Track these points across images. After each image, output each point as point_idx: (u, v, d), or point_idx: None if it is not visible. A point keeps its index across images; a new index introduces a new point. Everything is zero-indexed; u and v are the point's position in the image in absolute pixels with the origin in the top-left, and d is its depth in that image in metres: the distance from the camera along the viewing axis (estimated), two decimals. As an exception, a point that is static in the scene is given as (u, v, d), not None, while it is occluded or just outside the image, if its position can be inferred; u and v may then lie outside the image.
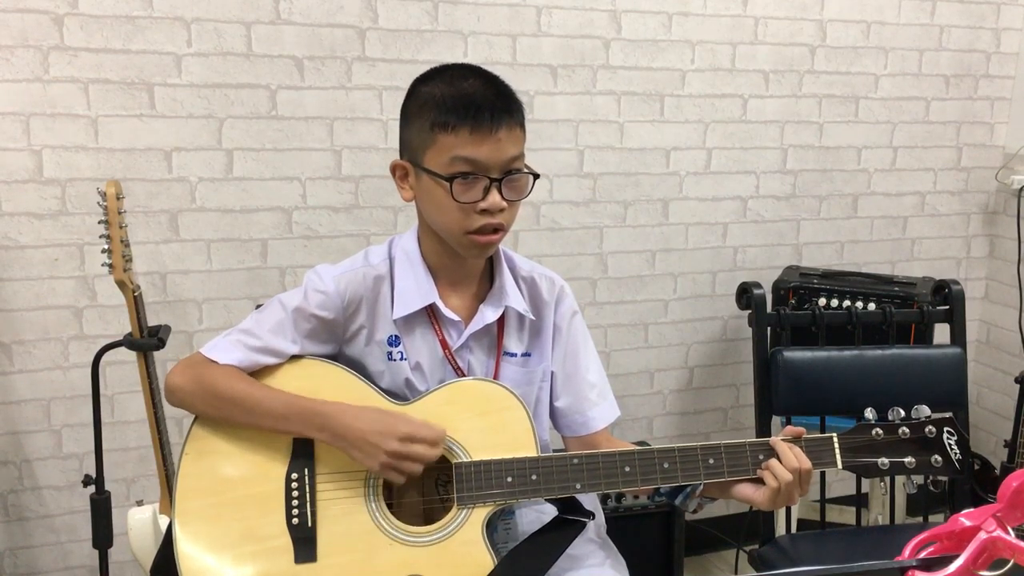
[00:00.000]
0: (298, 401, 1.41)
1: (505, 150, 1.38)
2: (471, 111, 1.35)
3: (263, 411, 1.41)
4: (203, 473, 1.42)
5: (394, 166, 1.47)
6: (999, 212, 3.09)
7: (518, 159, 1.40)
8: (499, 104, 1.37)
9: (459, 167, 1.36)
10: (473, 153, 1.36)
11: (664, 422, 2.87)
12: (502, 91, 1.41)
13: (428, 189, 1.41)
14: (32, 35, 2.08)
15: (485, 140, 1.35)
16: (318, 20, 2.27)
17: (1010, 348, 3.05)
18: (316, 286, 1.47)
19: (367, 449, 1.36)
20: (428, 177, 1.39)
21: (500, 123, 1.36)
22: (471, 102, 1.36)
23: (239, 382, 1.42)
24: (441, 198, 1.38)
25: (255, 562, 1.37)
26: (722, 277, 2.82)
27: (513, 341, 1.54)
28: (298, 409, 1.40)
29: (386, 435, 1.35)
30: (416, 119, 1.41)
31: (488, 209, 1.38)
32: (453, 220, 1.40)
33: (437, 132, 1.37)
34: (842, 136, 2.85)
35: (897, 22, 2.83)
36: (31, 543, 2.32)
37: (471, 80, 1.40)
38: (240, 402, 1.41)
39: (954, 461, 1.40)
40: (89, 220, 2.13)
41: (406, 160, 1.45)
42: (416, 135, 1.41)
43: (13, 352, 2.21)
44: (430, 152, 1.38)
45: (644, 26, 2.56)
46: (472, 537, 1.38)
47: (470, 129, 1.35)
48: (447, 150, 1.36)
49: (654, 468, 1.39)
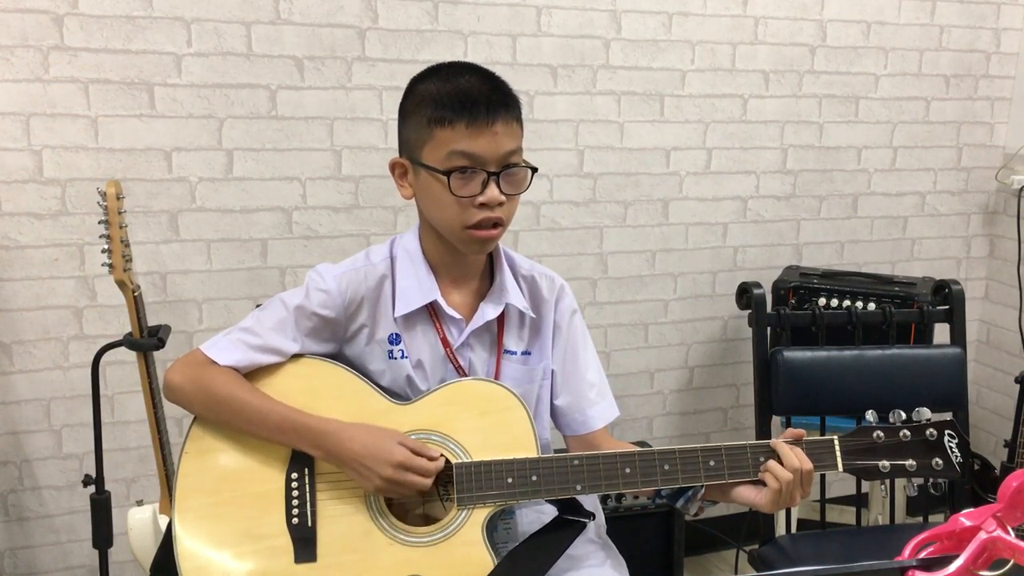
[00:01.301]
0: (295, 416, 1.40)
1: (502, 144, 1.38)
2: (467, 105, 1.35)
3: (259, 421, 1.41)
4: (203, 472, 1.42)
5: (393, 164, 1.47)
6: (999, 212, 3.09)
7: (515, 153, 1.41)
8: (495, 98, 1.38)
9: (456, 161, 1.36)
10: (470, 147, 1.36)
11: (664, 422, 2.87)
12: (498, 86, 1.41)
13: (427, 185, 1.41)
14: (32, 35, 2.08)
15: (482, 133, 1.36)
16: (318, 20, 2.27)
17: (1010, 348, 3.05)
18: (318, 285, 1.47)
19: (363, 472, 1.36)
20: (426, 173, 1.39)
21: (496, 116, 1.37)
22: (467, 97, 1.36)
23: (238, 388, 1.42)
24: (439, 193, 1.39)
25: (255, 561, 1.37)
26: (722, 277, 2.82)
27: (513, 339, 1.54)
28: (294, 424, 1.40)
29: (380, 461, 1.35)
30: (413, 116, 1.41)
31: (486, 203, 1.38)
32: (452, 215, 1.40)
33: (434, 127, 1.37)
34: (842, 136, 2.85)
35: (897, 22, 2.83)
36: (31, 543, 2.32)
37: (467, 76, 1.41)
38: (237, 410, 1.41)
39: (955, 464, 1.40)
40: (89, 220, 2.13)
41: (404, 158, 1.45)
42: (414, 132, 1.41)
43: (13, 352, 2.21)
44: (427, 148, 1.39)
45: (644, 26, 2.56)
46: (472, 537, 1.38)
47: (467, 123, 1.35)
48: (444, 144, 1.37)
49: (654, 470, 1.39)
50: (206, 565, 1.37)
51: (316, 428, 1.39)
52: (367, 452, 1.36)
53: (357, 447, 1.36)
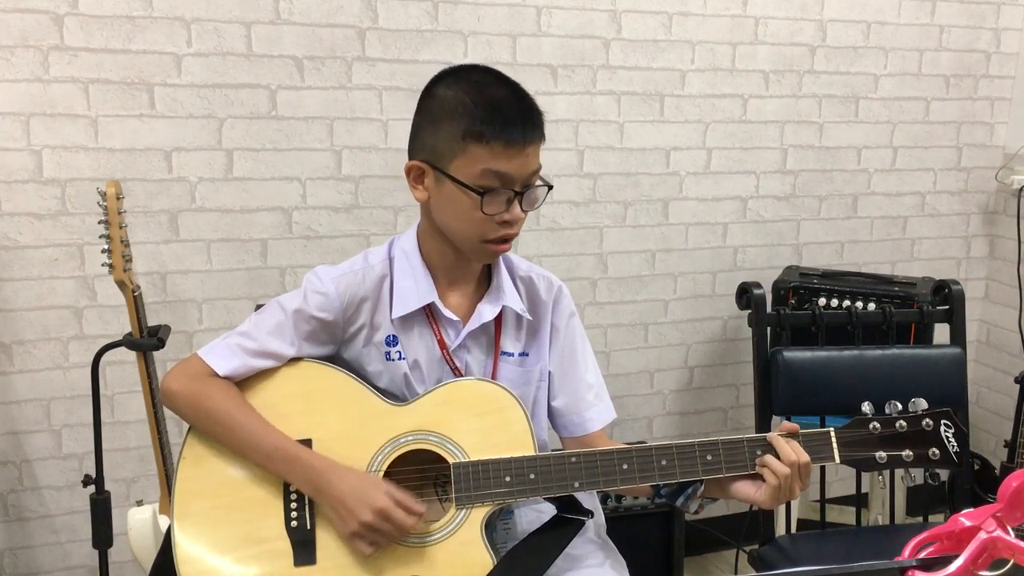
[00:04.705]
0: (288, 446, 1.40)
1: (531, 164, 1.39)
2: (507, 125, 1.35)
3: (252, 446, 1.40)
4: (202, 476, 1.42)
5: (409, 167, 1.44)
6: (999, 212, 3.09)
7: (538, 171, 1.42)
8: (531, 119, 1.38)
9: (489, 180, 1.36)
10: (505, 167, 1.36)
11: (664, 422, 2.87)
12: (530, 104, 1.41)
13: (451, 196, 1.39)
14: (32, 35, 2.08)
15: (517, 155, 1.36)
16: (318, 20, 2.27)
17: (1010, 348, 3.05)
18: (316, 288, 1.47)
19: (341, 512, 1.35)
20: (453, 185, 1.38)
21: (531, 139, 1.38)
22: (505, 116, 1.35)
23: (234, 408, 1.41)
24: (464, 207, 1.38)
25: (254, 565, 1.37)
26: (722, 277, 2.82)
27: (510, 341, 1.54)
28: (286, 455, 1.39)
29: (363, 504, 1.33)
30: (445, 125, 1.38)
31: (510, 221, 1.40)
32: (473, 229, 1.40)
33: (469, 142, 1.36)
34: (842, 136, 2.85)
35: (897, 22, 2.83)
36: (31, 543, 2.32)
37: (498, 88, 1.40)
38: (230, 430, 1.41)
39: (952, 454, 1.40)
40: (89, 220, 2.13)
41: (425, 162, 1.42)
42: (443, 142, 1.38)
43: (13, 352, 2.21)
44: (459, 161, 1.37)
45: (644, 26, 2.56)
46: (471, 537, 1.38)
47: (504, 143, 1.35)
48: (478, 162, 1.36)
49: (652, 465, 1.39)
50: (206, 570, 1.37)
51: (307, 463, 1.38)
52: (353, 495, 1.34)
53: (345, 488, 1.35)
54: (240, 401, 1.43)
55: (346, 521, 1.35)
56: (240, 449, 1.41)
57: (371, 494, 1.34)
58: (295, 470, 1.39)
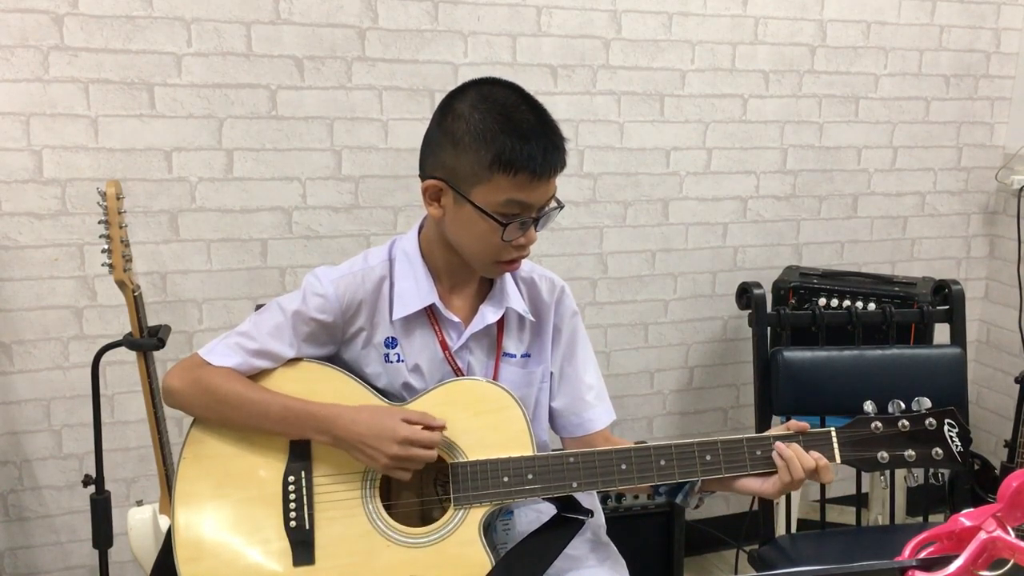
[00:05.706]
0: (295, 404, 1.41)
1: (551, 191, 1.41)
2: (535, 158, 1.34)
3: (260, 414, 1.41)
4: (201, 477, 1.42)
5: (427, 186, 1.42)
6: (999, 212, 3.09)
7: (555, 194, 1.43)
8: (557, 149, 1.38)
9: (511, 209, 1.37)
10: (528, 197, 1.37)
11: (664, 422, 2.87)
12: (555, 129, 1.41)
13: (469, 219, 1.39)
14: (32, 35, 2.08)
15: (540, 186, 1.37)
16: (318, 20, 2.27)
17: (1010, 348, 3.05)
18: (315, 289, 1.47)
19: (368, 452, 1.36)
20: (473, 210, 1.37)
21: (557, 169, 1.38)
22: (534, 148, 1.35)
23: (236, 385, 1.42)
24: (483, 232, 1.38)
25: (254, 565, 1.38)
26: (722, 277, 2.82)
27: (512, 342, 1.54)
28: (295, 413, 1.40)
29: (384, 439, 1.35)
30: (470, 151, 1.35)
31: (525, 244, 1.41)
32: (489, 251, 1.41)
33: (496, 172, 1.35)
34: (842, 136, 2.85)
35: (897, 22, 2.82)
36: (31, 543, 2.32)
37: (526, 114, 1.38)
38: (237, 405, 1.41)
39: (955, 453, 1.38)
40: (89, 220, 2.13)
41: (444, 182, 1.39)
42: (467, 166, 1.36)
43: (13, 352, 2.21)
44: (482, 188, 1.36)
45: (644, 26, 2.56)
46: (469, 537, 1.38)
47: (529, 176, 1.35)
48: (503, 191, 1.35)
49: (651, 465, 1.39)
50: (206, 570, 1.38)
51: (319, 414, 1.40)
52: (372, 432, 1.36)
53: (362, 428, 1.37)
54: (241, 378, 1.44)
55: (375, 459, 1.36)
56: (250, 422, 1.42)
57: (389, 426, 1.36)
58: (310, 424, 1.40)
